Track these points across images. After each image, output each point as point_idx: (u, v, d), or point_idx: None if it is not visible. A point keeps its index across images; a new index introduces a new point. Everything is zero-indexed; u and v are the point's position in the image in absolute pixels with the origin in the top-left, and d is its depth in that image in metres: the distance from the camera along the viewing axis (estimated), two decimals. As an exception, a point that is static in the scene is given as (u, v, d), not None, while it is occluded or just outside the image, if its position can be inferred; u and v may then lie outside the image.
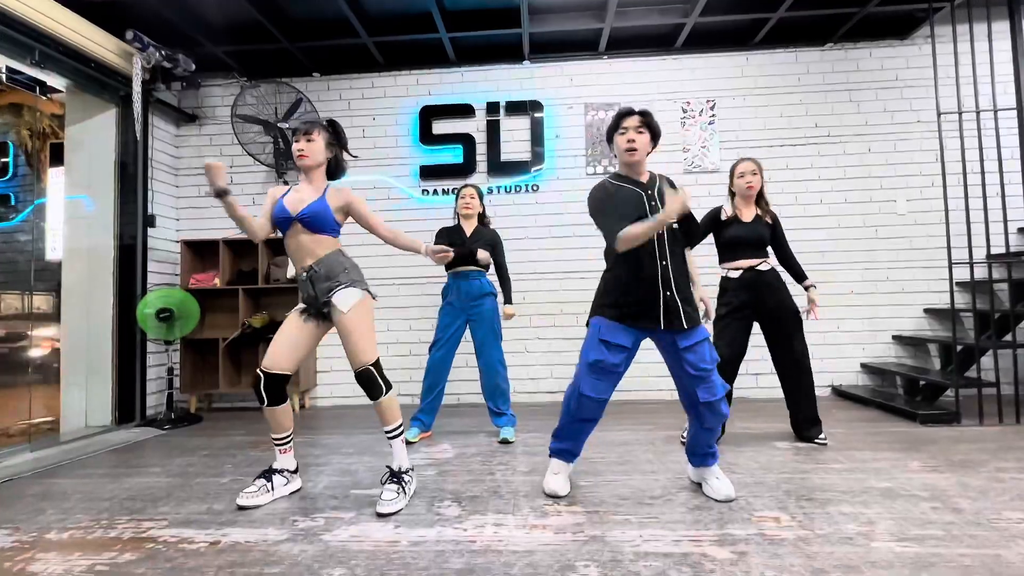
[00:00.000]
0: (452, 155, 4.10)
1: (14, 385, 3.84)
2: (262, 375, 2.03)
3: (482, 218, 3.05)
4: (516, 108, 4.08)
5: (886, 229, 3.90)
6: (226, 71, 4.13)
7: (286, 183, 4.14)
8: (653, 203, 1.94)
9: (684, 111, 4.03)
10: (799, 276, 2.75)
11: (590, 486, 2.17)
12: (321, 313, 2.09)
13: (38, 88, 3.47)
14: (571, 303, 3.98)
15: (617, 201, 1.95)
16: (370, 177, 4.14)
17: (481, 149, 4.09)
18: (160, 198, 3.96)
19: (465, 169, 4.07)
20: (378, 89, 4.18)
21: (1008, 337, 3.25)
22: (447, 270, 2.99)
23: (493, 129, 4.08)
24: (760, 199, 2.72)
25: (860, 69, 3.97)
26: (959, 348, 3.19)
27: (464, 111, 4.10)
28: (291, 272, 3.94)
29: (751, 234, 2.65)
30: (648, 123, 1.96)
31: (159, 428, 3.36)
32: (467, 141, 4.08)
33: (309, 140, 2.06)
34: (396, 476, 2.04)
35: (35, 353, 4.03)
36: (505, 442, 2.84)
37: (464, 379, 4.03)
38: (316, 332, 2.12)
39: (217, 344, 3.86)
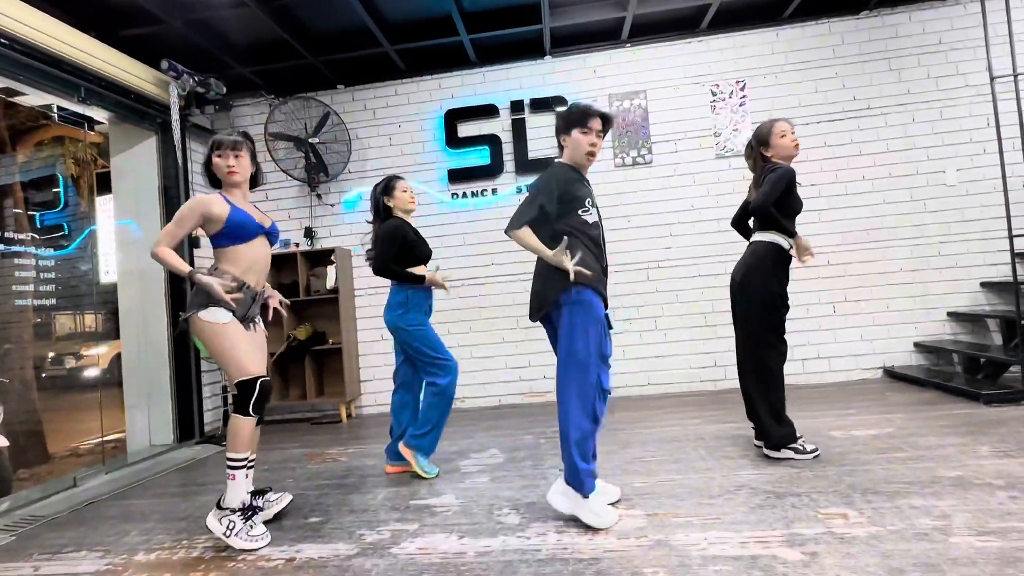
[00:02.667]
0: (479, 157, 4.10)
1: (82, 406, 4.06)
2: (259, 384, 1.92)
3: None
4: (540, 105, 4.04)
5: (935, 202, 3.73)
6: (254, 90, 4.22)
7: (319, 196, 4.22)
8: (591, 199, 2.01)
9: (713, 94, 3.92)
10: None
11: (646, 486, 2.17)
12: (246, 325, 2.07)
13: (86, 124, 3.62)
14: (608, 296, 3.94)
15: (569, 187, 1.93)
16: (399, 185, 4.17)
17: (508, 148, 4.08)
18: (201, 220, 4.09)
19: (493, 170, 4.07)
20: (401, 96, 4.20)
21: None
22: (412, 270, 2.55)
23: (518, 128, 4.06)
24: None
25: (899, 35, 3.77)
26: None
27: (488, 111, 4.09)
28: (331, 282, 4.03)
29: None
30: (606, 131, 2.00)
31: (218, 444, 3.51)
32: (493, 141, 4.07)
33: (237, 156, 2.03)
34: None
35: (100, 375, 4.24)
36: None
37: (504, 380, 4.07)
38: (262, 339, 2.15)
39: (265, 358, 3.98)
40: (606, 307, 1.98)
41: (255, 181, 2.17)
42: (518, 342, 4.04)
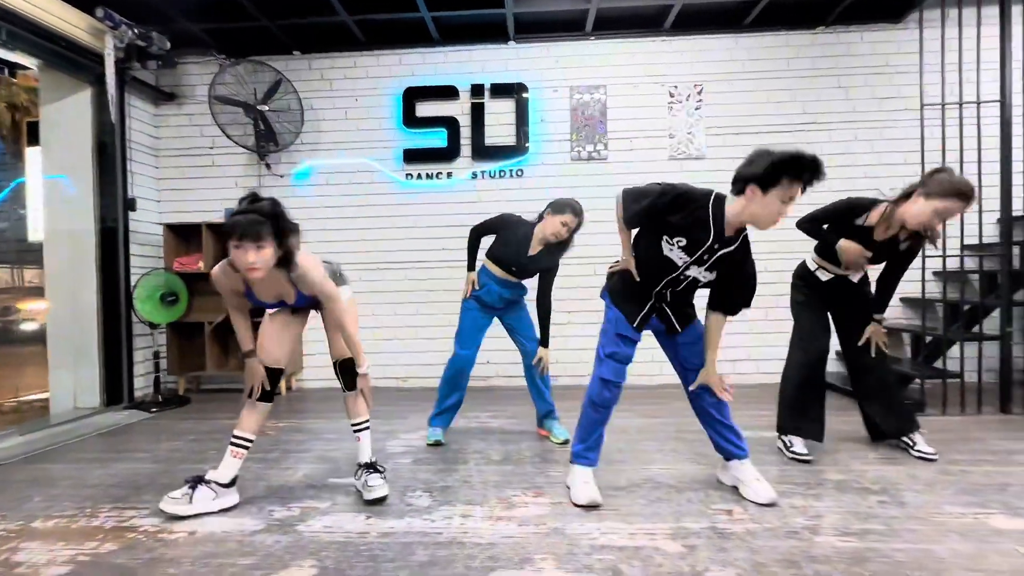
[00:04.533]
0: (436, 139, 4.06)
1: (4, 364, 3.90)
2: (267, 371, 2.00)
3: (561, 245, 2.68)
4: (501, 91, 4.01)
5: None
6: (204, 48, 4.03)
7: (268, 166, 4.09)
8: (706, 257, 1.83)
9: (671, 95, 3.97)
10: (881, 306, 2.46)
11: (559, 476, 2.25)
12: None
13: (7, 69, 3.39)
14: (555, 289, 4.00)
15: (674, 223, 1.80)
16: (354, 160, 4.10)
17: (465, 133, 4.04)
18: (141, 180, 3.92)
19: (449, 153, 4.04)
20: (360, 69, 4.09)
21: (994, 326, 3.32)
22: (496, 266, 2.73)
23: (477, 112, 4.02)
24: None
25: (851, 54, 3.90)
26: (928, 339, 3.26)
27: (448, 93, 4.03)
28: (275, 256, 3.95)
29: (873, 257, 2.30)
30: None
31: (146, 411, 3.44)
32: (451, 124, 4.03)
33: (260, 248, 1.69)
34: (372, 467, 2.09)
35: (25, 334, 4.07)
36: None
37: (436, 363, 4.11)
38: (299, 324, 2.18)
39: (203, 327, 3.90)
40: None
41: (287, 261, 1.79)
42: (464, 327, 4.07)
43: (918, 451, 2.39)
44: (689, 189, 1.81)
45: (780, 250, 3.90)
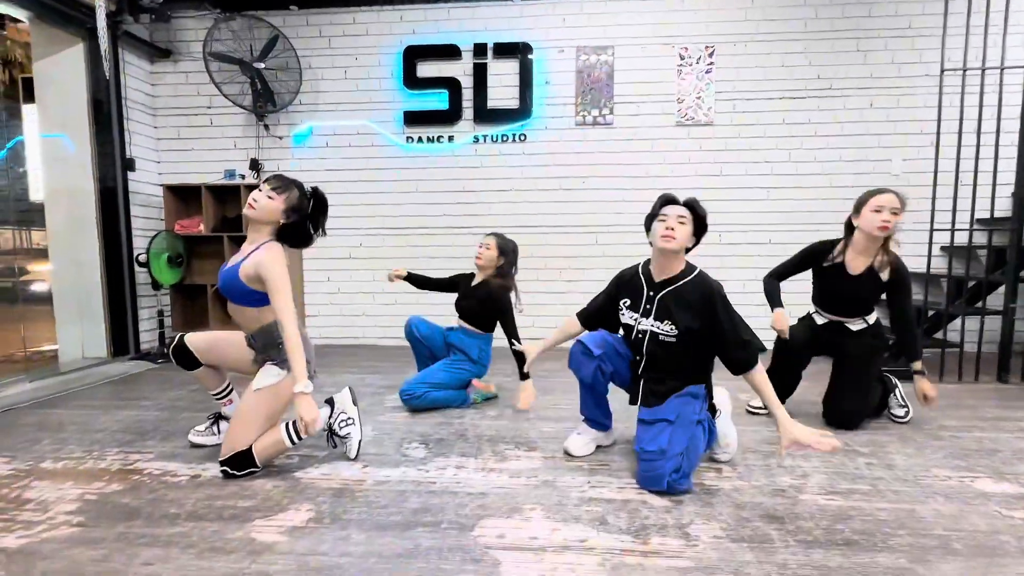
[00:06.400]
0: (437, 100, 3.97)
1: (11, 319, 3.97)
2: (179, 341, 2.01)
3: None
4: (504, 51, 3.90)
5: (877, 189, 3.83)
6: (198, 2, 3.92)
7: (267, 127, 4.04)
8: (648, 306, 1.89)
9: (681, 58, 3.85)
10: (909, 352, 2.32)
11: (552, 432, 2.29)
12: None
13: (-1, 20, 3.32)
14: (555, 258, 4.00)
15: (616, 288, 2.03)
16: (353, 123, 4.04)
17: (467, 95, 3.95)
18: (139, 139, 3.89)
19: (451, 116, 3.96)
20: (360, 26, 3.98)
21: (998, 302, 3.28)
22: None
23: (480, 73, 3.92)
24: (886, 243, 2.23)
25: (872, 15, 3.74)
26: (931, 313, 3.24)
27: (450, 52, 3.92)
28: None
29: (852, 294, 2.29)
30: (694, 214, 1.83)
31: (152, 362, 3.50)
32: (453, 86, 3.94)
33: (270, 196, 1.83)
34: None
35: (34, 291, 4.13)
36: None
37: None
38: (250, 367, 1.97)
39: (205, 289, 3.94)
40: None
41: (288, 238, 1.91)
42: (464, 292, 4.08)
43: (891, 414, 2.44)
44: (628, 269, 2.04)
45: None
